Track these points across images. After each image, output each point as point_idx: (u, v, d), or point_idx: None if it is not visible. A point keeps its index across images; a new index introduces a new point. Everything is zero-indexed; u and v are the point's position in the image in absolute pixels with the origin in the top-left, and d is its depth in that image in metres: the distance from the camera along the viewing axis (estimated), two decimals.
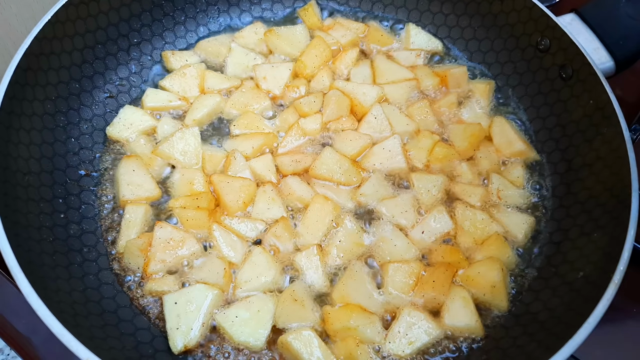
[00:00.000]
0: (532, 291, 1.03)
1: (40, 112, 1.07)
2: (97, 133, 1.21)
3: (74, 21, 1.15)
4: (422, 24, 1.44)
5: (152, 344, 0.95)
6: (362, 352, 0.92)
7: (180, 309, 0.95)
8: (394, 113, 1.25)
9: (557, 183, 1.16)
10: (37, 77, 1.07)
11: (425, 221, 1.09)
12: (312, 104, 1.25)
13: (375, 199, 1.12)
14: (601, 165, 1.05)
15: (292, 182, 1.13)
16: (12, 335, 1.05)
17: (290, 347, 0.91)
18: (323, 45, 1.34)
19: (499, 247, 1.05)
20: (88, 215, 1.10)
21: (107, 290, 1.00)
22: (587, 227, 1.02)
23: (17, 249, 0.85)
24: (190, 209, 1.07)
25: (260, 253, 1.03)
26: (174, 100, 1.27)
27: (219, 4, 1.43)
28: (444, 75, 1.31)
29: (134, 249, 1.03)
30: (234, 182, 1.11)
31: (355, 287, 0.99)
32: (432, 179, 1.14)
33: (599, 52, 1.18)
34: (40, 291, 0.81)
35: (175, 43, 1.39)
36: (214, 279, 1.00)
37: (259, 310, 0.96)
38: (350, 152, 1.18)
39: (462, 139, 1.21)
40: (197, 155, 1.17)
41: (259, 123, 1.23)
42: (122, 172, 1.12)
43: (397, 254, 1.05)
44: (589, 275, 0.93)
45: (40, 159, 1.05)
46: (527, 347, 0.90)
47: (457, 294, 0.99)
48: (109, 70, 1.27)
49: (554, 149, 1.20)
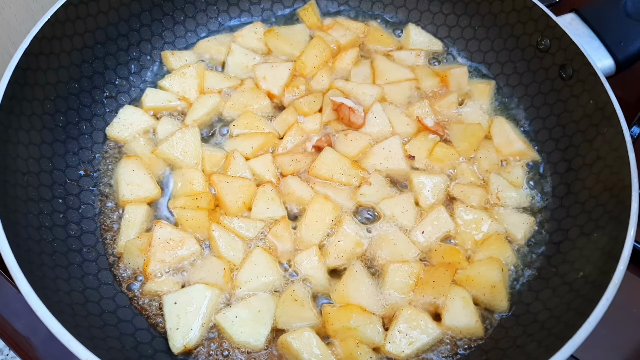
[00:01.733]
0: (532, 291, 1.03)
1: (40, 112, 1.07)
2: (96, 133, 1.21)
3: (74, 21, 1.15)
4: (422, 24, 1.44)
5: (152, 344, 0.95)
6: (362, 352, 0.92)
7: (180, 309, 0.95)
8: (394, 113, 1.25)
9: (557, 183, 1.16)
10: (36, 77, 1.07)
11: (425, 221, 1.09)
12: (312, 104, 1.25)
13: (375, 199, 1.12)
14: (601, 165, 1.05)
15: (292, 182, 1.13)
16: (12, 335, 1.05)
17: (290, 347, 0.91)
18: (323, 45, 1.34)
19: (499, 247, 1.05)
20: (87, 215, 1.10)
21: (107, 290, 1.00)
22: (587, 227, 1.02)
23: (16, 249, 0.84)
24: (190, 209, 1.07)
25: (260, 253, 1.03)
26: (173, 100, 1.27)
27: (219, 4, 1.43)
28: (444, 75, 1.31)
29: (133, 249, 1.03)
30: (233, 182, 1.11)
31: (355, 287, 0.99)
32: (432, 179, 1.14)
33: (599, 52, 1.18)
34: (39, 291, 0.81)
35: (174, 43, 1.39)
36: (214, 279, 1.00)
37: (259, 310, 0.96)
38: (350, 152, 1.18)
39: (462, 139, 1.21)
40: (197, 155, 1.17)
41: (259, 123, 1.23)
42: (122, 172, 1.12)
43: (397, 254, 1.05)
44: (589, 275, 0.93)
45: (40, 159, 1.05)
46: (527, 347, 0.90)
47: (457, 294, 0.99)
48: (109, 70, 1.26)
49: (554, 149, 1.20)
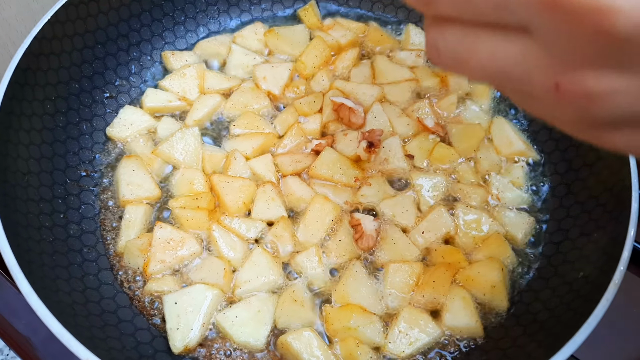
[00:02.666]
0: (532, 291, 1.03)
1: (40, 113, 1.07)
2: (96, 133, 1.21)
3: (74, 21, 1.15)
4: (422, 24, 1.44)
5: (152, 344, 0.95)
6: (362, 352, 0.92)
7: (180, 309, 0.95)
8: (394, 113, 1.25)
9: (557, 183, 1.16)
10: (36, 77, 1.07)
11: (425, 221, 1.09)
12: (312, 104, 1.25)
13: (376, 199, 1.12)
14: (601, 165, 1.05)
15: (292, 182, 1.13)
16: (12, 335, 1.05)
17: (290, 347, 0.91)
18: (323, 45, 1.34)
19: (499, 247, 1.05)
20: (88, 216, 1.10)
21: (107, 290, 1.00)
22: (587, 227, 1.02)
23: (16, 249, 0.84)
24: (190, 209, 1.07)
25: (260, 253, 1.03)
26: (173, 101, 1.27)
27: (219, 4, 1.43)
28: (444, 76, 1.31)
29: (133, 249, 1.03)
30: (233, 182, 1.11)
31: (355, 287, 0.99)
32: (432, 179, 1.14)
33: None
34: (39, 291, 0.81)
35: (175, 43, 1.39)
36: (214, 279, 1.00)
37: (259, 310, 0.96)
38: (350, 152, 1.18)
39: (462, 139, 1.21)
40: (197, 155, 1.17)
41: (259, 123, 1.23)
42: (122, 172, 1.12)
43: (397, 254, 1.05)
44: (589, 275, 0.92)
45: (40, 159, 1.05)
46: (527, 347, 0.90)
47: (457, 294, 0.99)
48: (109, 70, 1.26)
49: (554, 149, 1.20)
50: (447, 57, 0.48)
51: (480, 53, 0.45)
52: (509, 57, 0.43)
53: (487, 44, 0.44)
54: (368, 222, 1.05)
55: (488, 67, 0.45)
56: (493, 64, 0.44)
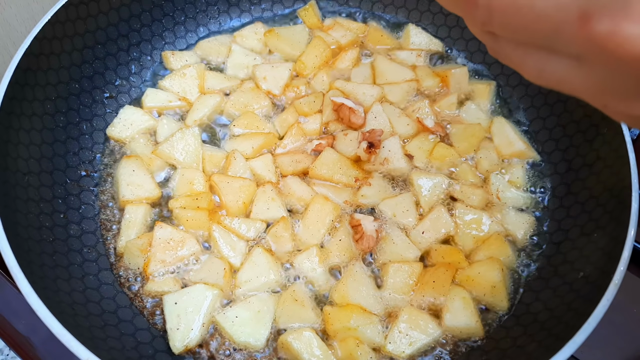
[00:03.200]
0: (532, 291, 1.03)
1: (40, 113, 1.07)
2: (97, 133, 1.21)
3: (74, 21, 1.15)
4: (422, 24, 1.44)
5: (152, 344, 0.95)
6: (362, 352, 0.92)
7: (180, 309, 0.95)
8: (394, 113, 1.25)
9: (557, 183, 1.16)
10: (36, 78, 1.07)
11: (425, 221, 1.09)
12: (312, 104, 1.25)
13: (376, 199, 1.12)
14: (601, 165, 1.05)
15: (292, 182, 1.13)
16: (12, 335, 1.05)
17: (290, 347, 0.91)
18: (323, 45, 1.34)
19: (499, 247, 1.05)
20: (88, 216, 1.10)
21: (107, 290, 1.00)
22: (587, 227, 1.02)
23: (17, 249, 0.84)
24: (190, 209, 1.07)
25: (260, 253, 1.03)
26: (173, 101, 1.27)
27: (219, 4, 1.43)
28: (444, 76, 1.31)
29: (134, 249, 1.03)
30: (234, 182, 1.11)
31: (355, 287, 0.99)
32: (432, 179, 1.14)
33: None
34: (40, 291, 0.81)
35: (175, 43, 1.39)
36: (214, 279, 1.00)
37: (259, 310, 0.96)
38: (350, 152, 1.18)
39: (462, 139, 1.21)
40: (197, 155, 1.17)
41: (259, 123, 1.23)
42: (122, 172, 1.12)
43: (398, 254, 1.05)
44: (589, 276, 0.92)
45: (40, 159, 1.05)
46: (527, 348, 0.90)
47: (457, 294, 0.99)
48: (109, 70, 1.27)
49: (554, 149, 1.20)
50: (503, 59, 0.54)
51: (529, 66, 0.51)
52: (556, 73, 0.49)
53: (536, 57, 0.49)
54: (368, 222, 1.05)
55: (538, 80, 0.51)
56: (542, 77, 0.50)
